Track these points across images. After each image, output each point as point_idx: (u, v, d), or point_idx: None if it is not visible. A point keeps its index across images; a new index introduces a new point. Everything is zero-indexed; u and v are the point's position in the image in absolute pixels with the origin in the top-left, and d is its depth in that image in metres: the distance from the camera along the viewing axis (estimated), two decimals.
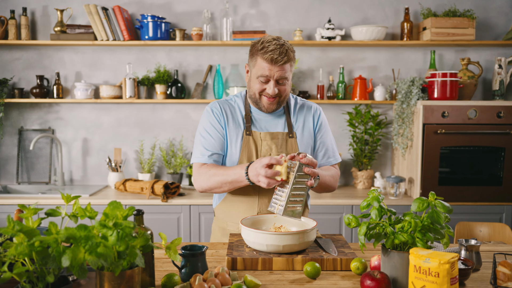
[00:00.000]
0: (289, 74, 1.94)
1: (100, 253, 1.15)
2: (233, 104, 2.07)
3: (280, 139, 2.02)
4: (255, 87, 1.95)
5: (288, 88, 1.97)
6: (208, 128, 2.02)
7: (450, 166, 3.29)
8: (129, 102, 3.67)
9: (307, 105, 2.13)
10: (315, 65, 3.81)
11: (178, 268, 1.53)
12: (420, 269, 1.28)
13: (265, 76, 1.90)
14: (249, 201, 2.01)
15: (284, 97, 1.98)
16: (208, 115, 2.04)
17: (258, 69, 1.91)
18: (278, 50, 1.87)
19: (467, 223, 2.91)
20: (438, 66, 3.79)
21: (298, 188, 1.76)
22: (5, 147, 3.85)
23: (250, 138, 2.00)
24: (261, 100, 1.97)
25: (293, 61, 1.94)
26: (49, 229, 1.16)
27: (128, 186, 3.47)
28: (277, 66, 1.88)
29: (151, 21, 3.55)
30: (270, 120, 2.05)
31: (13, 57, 3.80)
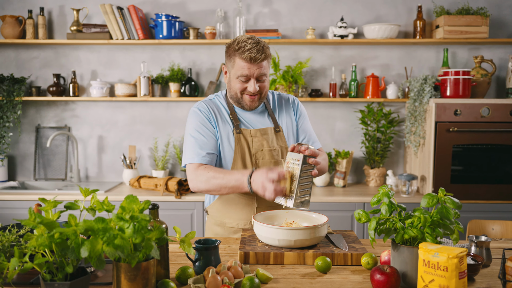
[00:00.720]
0: (267, 71, 1.99)
1: (117, 245, 1.20)
2: (218, 104, 2.09)
3: (270, 134, 2.06)
4: (236, 86, 1.98)
5: (267, 84, 2.02)
6: (199, 128, 2.00)
7: (462, 164, 3.29)
8: (143, 100, 3.72)
9: (285, 98, 2.18)
10: (327, 64, 3.83)
11: (192, 261, 1.57)
12: (429, 264, 1.30)
13: (245, 76, 1.94)
14: (246, 198, 2.04)
15: (265, 93, 2.03)
16: (196, 115, 2.02)
17: (238, 69, 1.94)
18: (255, 48, 1.90)
19: (479, 221, 2.91)
20: (451, 64, 3.78)
21: (305, 179, 1.81)
22: (22, 144, 3.93)
23: (240, 136, 2.03)
24: (243, 98, 2.01)
25: (269, 57, 1.99)
26: (69, 221, 1.21)
27: (143, 183, 3.52)
28: (256, 64, 1.92)
29: (165, 20, 3.60)
30: (255, 117, 2.09)
31: (31, 56, 3.88)
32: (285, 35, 3.81)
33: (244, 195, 2.05)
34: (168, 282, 1.38)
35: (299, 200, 1.79)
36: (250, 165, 2.02)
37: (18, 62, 3.88)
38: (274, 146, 2.05)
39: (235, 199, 2.06)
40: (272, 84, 3.63)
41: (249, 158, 2.02)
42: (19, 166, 3.95)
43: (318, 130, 3.85)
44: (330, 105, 3.85)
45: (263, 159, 2.03)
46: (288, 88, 3.62)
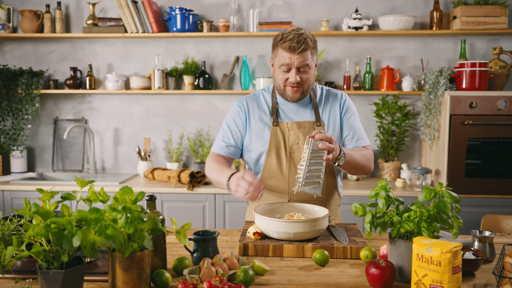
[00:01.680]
0: (310, 62, 1.97)
1: (109, 235, 1.22)
2: (260, 98, 2.14)
3: (307, 128, 2.05)
4: (279, 77, 2.00)
5: (310, 77, 2.00)
6: (229, 122, 2.13)
7: (477, 158, 3.22)
8: (157, 93, 3.76)
9: (333, 93, 2.16)
10: (341, 56, 3.79)
11: (190, 252, 1.59)
12: (423, 258, 1.29)
13: (286, 65, 1.95)
14: (280, 190, 2.05)
15: (308, 86, 2.01)
16: (233, 110, 2.14)
17: (279, 59, 1.96)
18: (297, 38, 1.91)
19: (494, 216, 2.86)
20: (469, 56, 3.70)
21: (314, 164, 1.79)
22: (41, 136, 4.02)
23: (277, 129, 2.05)
24: (285, 90, 2.01)
25: (313, 49, 1.97)
26: (62, 211, 1.24)
27: (156, 175, 3.57)
28: (296, 54, 1.92)
29: (179, 13, 3.62)
30: (297, 110, 2.09)
31: (49, 49, 3.95)
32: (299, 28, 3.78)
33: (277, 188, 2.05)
34: (163, 272, 1.40)
35: (308, 185, 1.78)
36: (284, 158, 2.03)
37: (37, 56, 3.96)
38: None
39: (268, 190, 2.08)
40: None
41: (283, 151, 2.04)
42: (38, 158, 4.04)
43: None
44: None
45: (298, 152, 2.03)
46: None
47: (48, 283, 1.25)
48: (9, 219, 1.45)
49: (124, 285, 1.32)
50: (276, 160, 2.04)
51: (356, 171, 2.05)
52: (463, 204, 3.23)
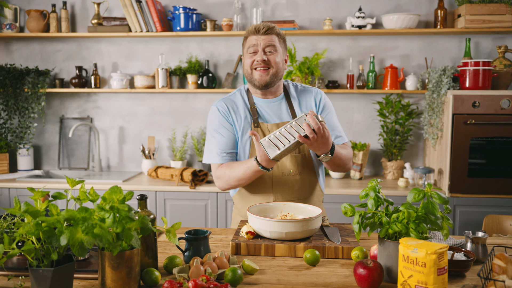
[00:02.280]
0: (277, 46, 2.02)
1: (96, 234, 1.24)
2: (236, 100, 2.12)
3: None
4: (247, 62, 2.04)
5: (278, 60, 2.02)
6: (218, 128, 2.08)
7: (480, 157, 3.20)
8: (161, 91, 3.79)
9: (308, 90, 2.17)
10: (345, 55, 3.79)
11: (182, 251, 1.61)
12: (408, 259, 1.29)
13: (253, 46, 2.00)
14: (264, 190, 2.07)
15: (276, 70, 2.02)
16: (215, 114, 2.10)
17: (247, 44, 2.03)
18: (262, 24, 2.02)
19: (496, 216, 2.84)
20: (474, 55, 3.67)
21: (288, 133, 1.77)
22: (48, 134, 4.07)
23: (258, 130, 2.06)
24: (253, 74, 2.03)
25: (281, 38, 2.05)
26: (50, 210, 1.26)
27: (160, 173, 3.59)
28: (262, 35, 2.00)
29: (182, 12, 3.64)
30: (274, 110, 2.10)
31: (55, 49, 4.00)
32: (302, 26, 3.79)
33: (262, 185, 2.06)
34: (153, 271, 1.42)
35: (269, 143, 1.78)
36: None
37: (43, 55, 4.01)
38: None
39: (253, 191, 2.09)
40: (288, 76, 3.62)
41: None
42: (44, 156, 4.10)
43: None
44: (347, 96, 3.81)
45: None
46: (304, 79, 3.61)
47: (38, 281, 1.28)
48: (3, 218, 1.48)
49: (113, 283, 1.34)
50: None
51: (338, 168, 2.08)
52: (465, 204, 3.21)
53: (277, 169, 2.05)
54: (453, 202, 3.22)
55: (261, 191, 2.08)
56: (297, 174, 2.06)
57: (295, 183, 2.06)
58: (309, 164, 2.09)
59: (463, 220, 3.22)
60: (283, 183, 2.06)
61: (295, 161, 2.06)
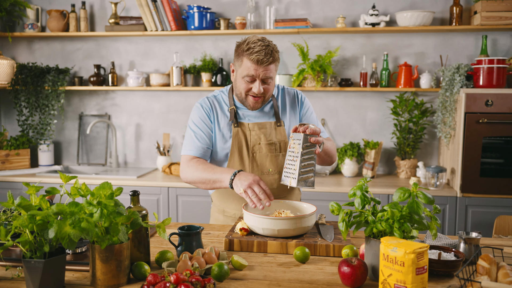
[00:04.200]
0: (273, 74, 2.00)
1: (83, 228, 1.29)
2: (220, 99, 2.15)
3: (269, 128, 2.09)
4: (241, 86, 2.01)
5: (272, 87, 2.03)
6: (198, 122, 2.09)
7: (493, 157, 3.14)
8: (176, 89, 3.85)
9: (289, 92, 2.19)
10: (358, 52, 3.77)
11: (175, 246, 1.65)
12: (388, 258, 1.30)
13: (251, 76, 1.96)
14: None
15: (268, 96, 2.05)
16: (198, 110, 2.11)
17: (244, 69, 1.97)
18: (264, 51, 1.92)
19: (508, 217, 2.80)
20: (492, 52, 3.60)
21: (307, 158, 1.83)
22: (67, 131, 4.20)
23: (238, 130, 2.08)
24: (247, 99, 2.03)
25: (277, 61, 2.00)
26: (40, 204, 1.32)
27: (173, 169, 3.66)
28: (263, 67, 1.94)
29: (196, 11, 3.69)
30: (257, 112, 2.12)
31: (75, 47, 4.11)
32: (316, 24, 3.79)
33: None
34: (142, 265, 1.46)
35: (303, 179, 1.81)
36: (247, 158, 2.07)
37: (63, 54, 4.13)
38: (273, 140, 2.09)
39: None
40: (300, 74, 3.63)
41: (246, 151, 2.07)
42: (64, 152, 4.22)
43: (349, 120, 3.81)
44: (361, 94, 3.79)
45: (260, 152, 2.08)
46: (316, 77, 3.61)
47: (30, 271, 1.34)
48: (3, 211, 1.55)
49: (103, 276, 1.39)
50: (238, 160, 2.08)
51: (325, 160, 2.11)
52: (477, 204, 3.16)
53: (257, 168, 2.08)
54: (465, 202, 3.18)
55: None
56: (275, 173, 2.09)
57: (273, 182, 2.09)
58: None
59: (475, 220, 3.17)
60: (264, 179, 2.08)
61: (275, 160, 2.09)
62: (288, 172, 1.84)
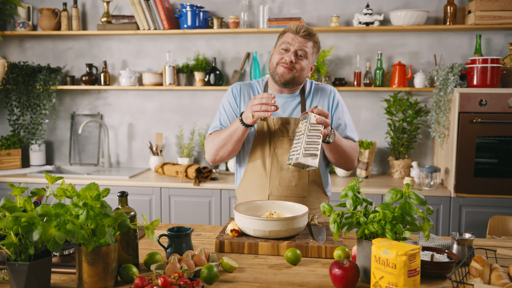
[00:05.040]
0: (309, 53, 2.02)
1: (69, 230, 1.26)
2: (253, 88, 2.18)
3: (292, 124, 2.07)
4: (275, 57, 2.05)
5: (305, 67, 2.03)
6: (225, 105, 2.16)
7: (487, 157, 3.13)
8: (169, 89, 3.82)
9: (322, 88, 2.17)
10: (352, 52, 3.75)
11: (164, 248, 1.63)
12: (380, 260, 1.28)
13: (287, 43, 2.01)
14: (261, 184, 2.07)
15: (300, 74, 2.03)
16: (228, 93, 2.18)
17: (283, 40, 2.04)
18: (304, 27, 2.02)
19: (502, 217, 2.78)
20: (486, 52, 3.59)
21: (312, 136, 1.81)
22: (59, 131, 4.16)
23: (264, 123, 2.07)
24: (277, 68, 2.04)
25: (316, 46, 2.05)
26: (25, 206, 1.29)
27: (166, 170, 3.63)
28: (300, 37, 2.00)
29: (189, 10, 3.66)
30: (285, 105, 2.10)
31: (67, 46, 4.07)
32: (309, 23, 3.77)
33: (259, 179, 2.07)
34: (130, 267, 1.44)
35: (306, 156, 1.78)
36: (268, 151, 2.06)
37: (55, 53, 4.09)
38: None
39: (251, 184, 2.10)
40: None
41: (268, 145, 2.06)
42: (56, 151, 4.18)
43: None
44: (355, 94, 3.78)
45: (282, 148, 2.06)
46: (309, 77, 3.58)
47: (15, 274, 1.31)
48: None
49: (90, 278, 1.36)
50: (260, 154, 2.07)
51: (341, 159, 2.08)
52: (471, 204, 3.15)
53: (276, 164, 2.05)
54: (459, 202, 3.16)
55: (258, 185, 2.08)
56: (295, 170, 2.06)
57: (292, 179, 2.05)
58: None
59: (468, 220, 3.16)
60: (280, 177, 2.05)
61: None
62: (293, 151, 1.83)
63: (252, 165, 2.08)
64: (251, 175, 2.10)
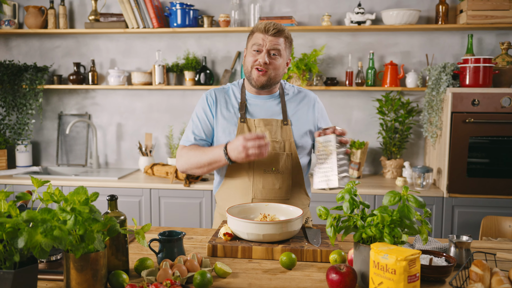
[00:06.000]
0: (282, 50, 1.98)
1: (56, 236, 1.21)
2: (229, 92, 2.11)
3: (274, 126, 2.03)
4: (249, 60, 2.00)
5: (279, 65, 1.99)
6: (199, 113, 2.09)
7: (480, 157, 3.12)
8: (158, 88, 3.76)
9: (305, 94, 2.15)
10: (344, 51, 3.72)
11: (155, 253, 1.58)
12: (379, 265, 1.24)
13: (258, 45, 1.96)
14: (244, 187, 2.03)
15: (275, 74, 2.00)
16: (202, 101, 2.11)
17: (253, 41, 1.99)
18: (272, 23, 1.97)
19: (494, 217, 2.77)
20: (477, 51, 3.58)
21: (342, 158, 1.85)
22: (46, 131, 4.07)
23: (244, 125, 2.02)
24: (252, 73, 2.00)
25: (287, 41, 2.01)
26: (9, 211, 1.23)
27: (155, 170, 3.57)
28: (270, 36, 1.95)
29: (179, 8, 3.60)
30: (265, 106, 2.07)
31: (54, 45, 3.99)
32: (301, 22, 3.73)
33: (241, 182, 2.02)
34: (120, 274, 1.38)
35: (341, 179, 1.82)
36: None
37: (42, 51, 4.00)
38: (277, 138, 2.02)
39: (233, 188, 2.05)
40: None
41: None
42: (43, 152, 4.10)
43: (335, 119, 3.76)
44: (346, 93, 3.75)
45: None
46: (301, 76, 3.55)
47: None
48: None
49: (78, 286, 1.31)
50: None
51: None
52: (464, 204, 3.14)
53: (259, 166, 2.01)
54: (452, 202, 3.15)
55: (241, 188, 2.04)
56: (278, 172, 2.02)
57: (276, 182, 2.01)
58: (294, 165, 2.05)
59: (461, 221, 3.14)
60: (263, 180, 2.01)
61: (279, 159, 2.01)
62: (324, 174, 1.84)
63: (234, 168, 2.03)
64: (233, 179, 2.05)
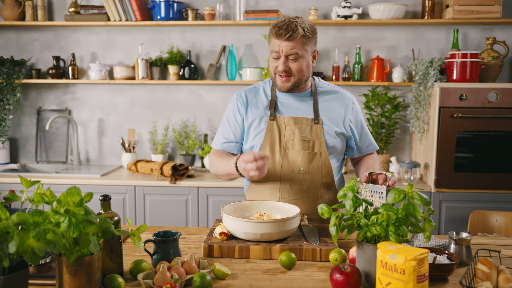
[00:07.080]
0: (301, 51, 1.87)
1: (49, 240, 1.14)
2: (259, 91, 2.07)
3: (304, 124, 1.97)
4: (271, 66, 1.95)
5: (302, 67, 1.90)
6: (229, 116, 2.08)
7: (467, 151, 3.13)
8: (141, 83, 3.67)
9: (339, 93, 2.06)
10: (331, 45, 3.69)
11: (150, 254, 1.52)
12: (387, 265, 1.21)
13: (275, 52, 1.89)
14: (271, 186, 1.98)
15: (300, 76, 1.92)
16: (232, 103, 2.09)
17: (271, 46, 1.92)
18: (286, 25, 1.86)
19: (482, 211, 2.78)
20: (462, 46, 3.60)
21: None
22: (24, 127, 3.94)
23: (274, 123, 1.98)
24: (276, 79, 1.95)
25: (307, 38, 1.87)
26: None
27: (140, 167, 3.49)
28: (284, 41, 1.85)
29: (163, 0, 3.51)
30: (296, 104, 2.01)
31: (32, 38, 3.86)
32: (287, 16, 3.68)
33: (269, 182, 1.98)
34: (116, 277, 1.32)
35: None
36: (278, 153, 1.96)
37: (19, 45, 3.86)
38: (307, 137, 1.96)
39: (261, 186, 2.00)
40: None
41: (278, 146, 1.96)
42: (21, 149, 3.97)
43: None
44: None
45: (293, 149, 1.96)
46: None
47: None
48: None
49: None
50: (270, 154, 1.97)
51: None
52: (451, 199, 3.15)
53: (288, 165, 1.96)
54: (439, 197, 3.16)
55: (268, 187, 1.99)
56: (306, 172, 1.96)
57: (303, 182, 1.96)
58: (324, 165, 1.98)
59: (449, 215, 3.15)
60: (291, 180, 1.96)
61: (307, 158, 1.96)
62: None
63: None
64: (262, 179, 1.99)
